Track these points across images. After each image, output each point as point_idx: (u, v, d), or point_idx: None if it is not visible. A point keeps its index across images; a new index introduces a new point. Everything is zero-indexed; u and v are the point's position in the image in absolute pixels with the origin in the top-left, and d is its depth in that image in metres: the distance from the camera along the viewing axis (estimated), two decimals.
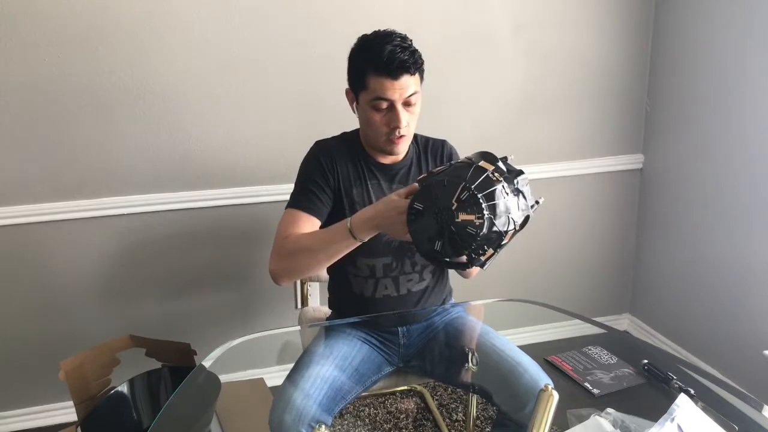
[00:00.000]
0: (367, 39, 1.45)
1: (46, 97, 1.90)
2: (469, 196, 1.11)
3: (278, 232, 1.46)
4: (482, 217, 1.10)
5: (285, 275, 1.43)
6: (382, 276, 1.54)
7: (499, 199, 1.13)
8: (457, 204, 1.11)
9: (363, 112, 1.47)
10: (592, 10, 2.31)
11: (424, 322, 1.62)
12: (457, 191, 1.12)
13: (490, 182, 1.13)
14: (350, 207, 1.51)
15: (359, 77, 1.44)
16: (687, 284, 2.39)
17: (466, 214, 1.11)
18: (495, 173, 1.16)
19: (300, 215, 1.46)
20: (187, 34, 1.96)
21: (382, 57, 1.38)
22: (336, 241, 1.35)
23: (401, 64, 1.38)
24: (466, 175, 1.14)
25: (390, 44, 1.38)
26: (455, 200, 1.12)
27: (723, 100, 2.14)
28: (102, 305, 2.11)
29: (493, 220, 1.12)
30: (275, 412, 1.33)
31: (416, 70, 1.41)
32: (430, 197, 1.15)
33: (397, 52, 1.37)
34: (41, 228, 1.99)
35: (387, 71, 1.38)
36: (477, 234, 1.11)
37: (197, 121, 2.04)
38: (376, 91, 1.40)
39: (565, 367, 2.32)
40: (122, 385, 1.75)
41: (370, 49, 1.41)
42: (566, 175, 2.45)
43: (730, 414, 1.14)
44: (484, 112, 2.30)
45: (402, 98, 1.40)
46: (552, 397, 1.14)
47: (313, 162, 1.52)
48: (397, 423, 2.09)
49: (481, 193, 1.11)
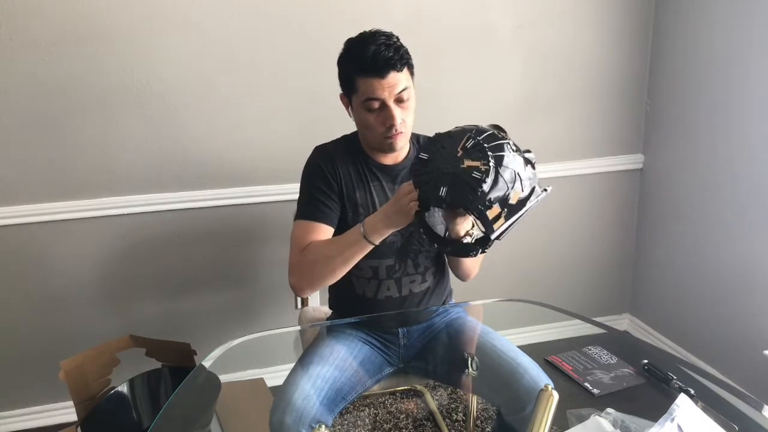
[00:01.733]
0: (352, 42, 1.45)
1: (46, 97, 1.90)
2: (474, 144, 1.10)
3: (293, 244, 1.46)
4: (488, 164, 1.09)
5: (307, 286, 1.44)
6: (385, 277, 1.54)
7: (506, 153, 1.11)
8: (462, 151, 1.11)
9: (357, 114, 1.47)
10: (592, 10, 2.31)
11: (424, 323, 1.62)
12: (462, 139, 1.12)
13: (496, 137, 1.13)
14: (354, 210, 1.51)
15: (349, 81, 1.44)
16: (687, 284, 2.39)
17: (471, 160, 1.10)
18: (501, 133, 1.16)
19: (312, 225, 1.46)
20: (187, 34, 1.97)
21: (366, 57, 1.37)
22: (351, 246, 1.36)
23: (386, 61, 1.37)
24: (472, 129, 1.14)
25: (374, 44, 1.38)
26: (461, 148, 1.11)
27: (723, 100, 2.14)
28: (102, 305, 2.11)
29: (498, 169, 1.10)
30: (275, 412, 1.33)
31: (403, 66, 1.41)
32: (436, 147, 1.15)
33: (381, 51, 1.37)
34: (41, 228, 1.99)
35: (373, 71, 1.38)
36: (482, 179, 1.09)
37: (197, 121, 2.04)
38: (366, 92, 1.40)
39: (565, 367, 2.32)
40: (122, 385, 1.75)
41: (355, 52, 1.41)
42: (566, 175, 2.45)
43: (730, 414, 1.14)
44: (484, 111, 2.29)
45: (392, 96, 1.40)
46: (552, 397, 1.14)
47: (315, 169, 1.52)
48: (397, 423, 2.09)
49: (488, 144, 1.11)
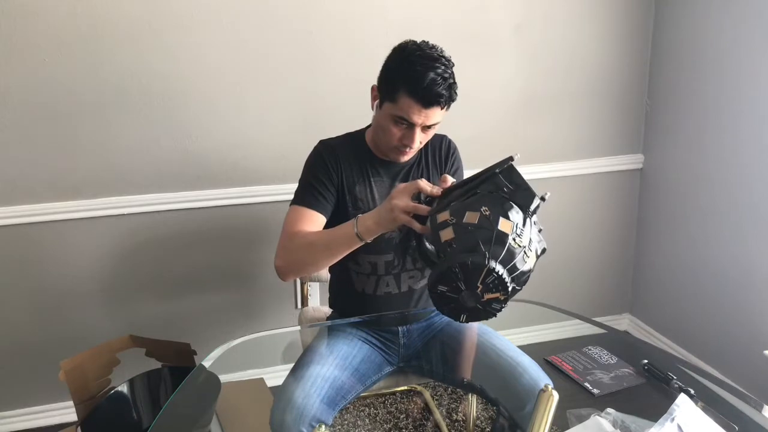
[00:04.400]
0: (411, 54, 1.37)
1: (47, 97, 1.90)
2: (494, 279, 1.08)
3: (284, 228, 1.47)
4: (506, 292, 1.09)
5: (291, 271, 1.45)
6: (384, 273, 1.54)
7: (521, 265, 1.11)
8: (483, 286, 1.09)
9: (382, 117, 1.44)
10: (592, 10, 2.31)
11: (424, 322, 1.62)
12: (481, 276, 1.08)
13: (512, 254, 1.10)
14: (353, 204, 1.51)
15: (391, 89, 1.39)
16: (687, 284, 2.39)
17: (491, 293, 1.09)
18: (515, 235, 1.11)
19: (305, 212, 1.47)
20: (188, 35, 1.96)
21: (421, 83, 1.32)
22: (341, 239, 1.35)
23: (437, 96, 1.34)
24: (489, 247, 1.08)
25: (433, 71, 1.33)
26: (480, 283, 1.08)
27: (723, 100, 2.14)
28: (102, 305, 2.11)
29: (516, 286, 1.11)
30: (276, 412, 1.33)
31: (449, 105, 1.39)
32: (454, 279, 1.10)
33: (438, 83, 1.33)
34: (41, 228, 1.99)
35: (421, 98, 1.34)
36: (501, 307, 1.11)
37: (197, 121, 2.04)
38: (403, 110, 1.37)
39: (565, 367, 2.32)
40: (122, 385, 1.75)
41: (412, 69, 1.34)
42: (566, 175, 2.45)
43: (730, 414, 1.14)
44: (484, 111, 2.30)
45: (425, 124, 1.39)
46: (552, 397, 1.14)
47: (317, 160, 1.52)
48: (397, 423, 2.09)
49: (505, 270, 1.08)
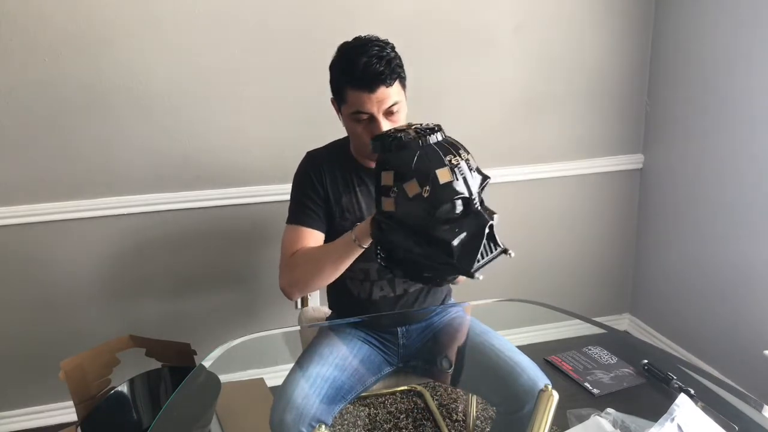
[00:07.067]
0: (344, 49, 1.40)
1: (47, 97, 1.90)
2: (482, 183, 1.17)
3: (284, 248, 1.47)
4: (486, 177, 1.15)
5: (296, 290, 1.45)
6: (377, 279, 1.55)
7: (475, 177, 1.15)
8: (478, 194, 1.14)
9: (346, 123, 1.45)
10: (592, 10, 2.31)
11: (423, 323, 1.62)
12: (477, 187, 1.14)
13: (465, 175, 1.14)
14: (341, 215, 1.51)
15: (338, 90, 1.41)
16: (687, 284, 2.39)
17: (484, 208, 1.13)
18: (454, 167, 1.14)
19: (302, 230, 1.47)
20: (187, 35, 1.96)
21: (356, 70, 1.33)
22: (341, 249, 1.35)
23: (376, 76, 1.33)
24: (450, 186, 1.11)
25: (365, 55, 1.33)
26: (479, 190, 1.14)
27: (723, 100, 2.14)
28: (102, 305, 2.11)
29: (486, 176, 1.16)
30: (275, 412, 1.33)
31: (393, 80, 1.36)
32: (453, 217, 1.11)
33: (372, 64, 1.32)
34: (41, 228, 1.99)
35: (362, 84, 1.34)
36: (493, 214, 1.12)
37: (197, 121, 2.04)
38: (355, 104, 1.37)
39: (565, 367, 2.32)
40: (122, 385, 1.75)
41: (346, 61, 1.37)
42: (566, 175, 2.45)
43: (730, 414, 1.14)
44: (483, 112, 2.30)
45: (381, 110, 1.37)
46: (552, 397, 1.14)
47: (303, 176, 1.53)
48: (397, 423, 2.09)
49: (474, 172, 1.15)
